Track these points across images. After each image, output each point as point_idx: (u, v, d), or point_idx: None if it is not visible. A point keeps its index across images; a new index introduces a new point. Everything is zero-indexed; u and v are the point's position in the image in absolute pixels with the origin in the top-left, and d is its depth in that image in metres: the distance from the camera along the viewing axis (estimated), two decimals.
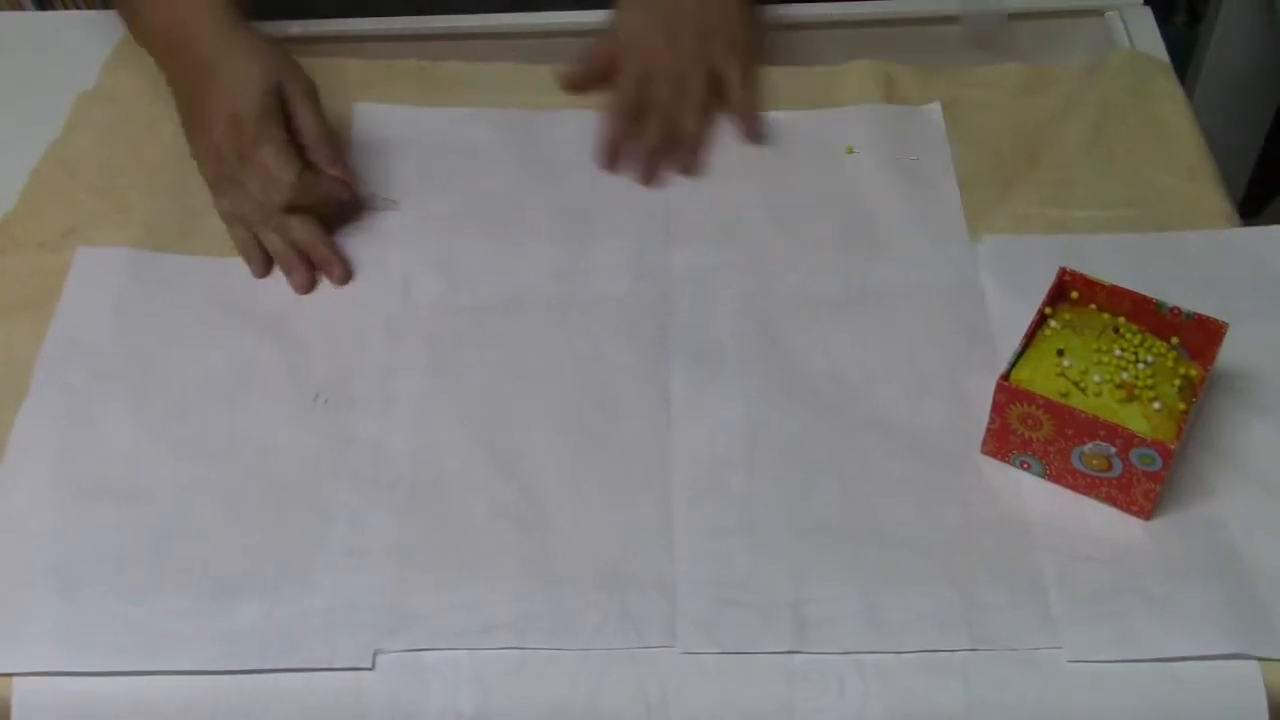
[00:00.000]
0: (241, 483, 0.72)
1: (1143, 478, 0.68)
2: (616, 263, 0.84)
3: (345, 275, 0.83)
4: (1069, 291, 0.75)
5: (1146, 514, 0.69)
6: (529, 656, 0.65)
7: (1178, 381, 0.70)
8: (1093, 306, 0.74)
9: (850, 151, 0.90)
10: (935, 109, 0.92)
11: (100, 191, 0.88)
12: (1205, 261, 0.82)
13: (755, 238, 0.85)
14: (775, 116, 0.93)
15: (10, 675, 0.64)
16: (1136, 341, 0.72)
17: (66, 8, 1.44)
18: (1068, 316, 0.73)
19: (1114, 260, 0.82)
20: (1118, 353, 0.71)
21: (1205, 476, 0.71)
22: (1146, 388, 0.69)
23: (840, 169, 0.89)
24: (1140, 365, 0.70)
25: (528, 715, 0.63)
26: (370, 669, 0.65)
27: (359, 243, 0.85)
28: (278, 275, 0.83)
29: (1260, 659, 0.64)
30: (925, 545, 0.69)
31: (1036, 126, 0.92)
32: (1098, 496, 0.70)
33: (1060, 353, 0.71)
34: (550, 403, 0.76)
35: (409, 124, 0.92)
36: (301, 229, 0.83)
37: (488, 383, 0.77)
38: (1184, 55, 1.27)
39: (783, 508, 0.71)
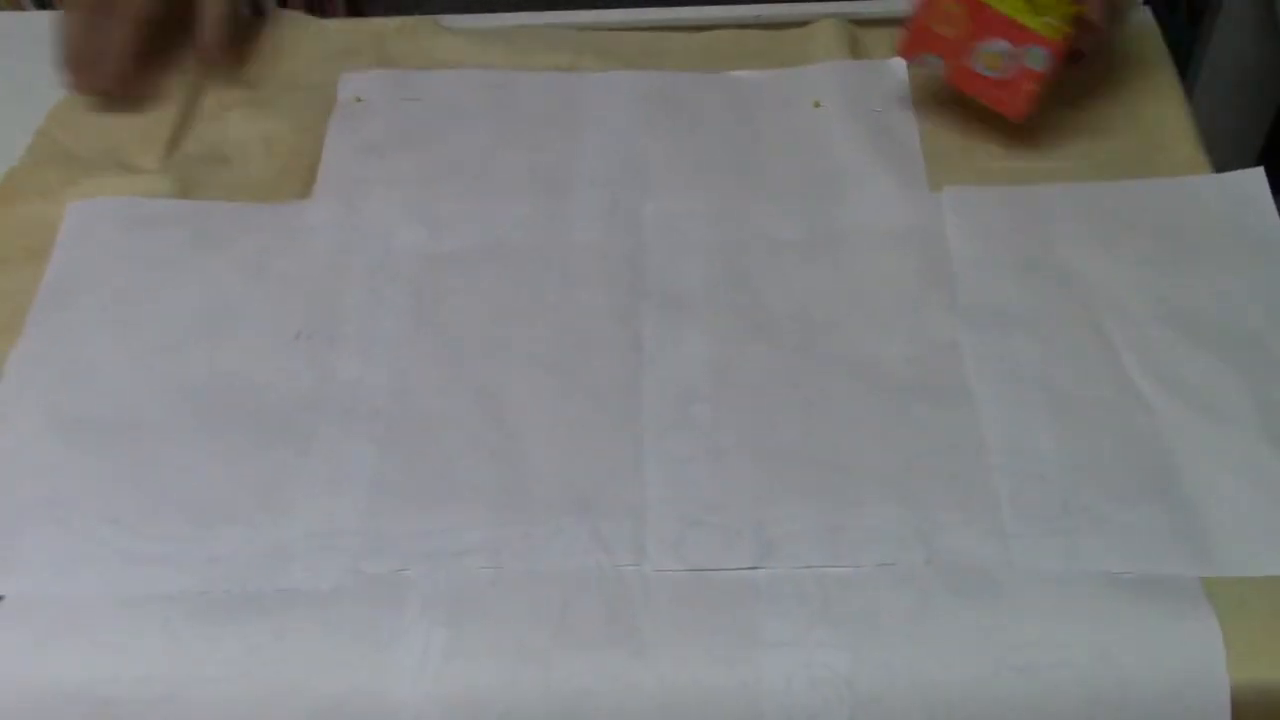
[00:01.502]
0: (224, 416, 0.75)
1: (1028, 77, 0.80)
2: (591, 213, 0.87)
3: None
4: None
5: (1021, 113, 0.79)
6: (502, 576, 0.68)
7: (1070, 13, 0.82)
8: None
9: (817, 106, 0.93)
10: (900, 63, 0.95)
11: (100, 148, 0.91)
12: (1169, 208, 0.85)
13: (725, 188, 0.88)
14: (745, 76, 0.96)
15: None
16: None
17: None
18: None
19: (1076, 207, 0.85)
20: None
21: (1154, 406, 0.74)
22: (1047, 6, 0.81)
23: (806, 122, 0.92)
24: None
25: (501, 631, 0.66)
26: (351, 588, 0.67)
27: (337, 193, 0.88)
28: (260, 219, 0.86)
29: (1202, 578, 0.66)
30: (884, 469, 0.72)
31: None
32: (985, 99, 0.83)
33: None
34: (526, 344, 0.79)
35: (392, 87, 0.95)
36: None
37: (467, 325, 0.80)
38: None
39: (748, 437, 0.73)
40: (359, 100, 0.94)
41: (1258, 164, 0.85)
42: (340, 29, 1.00)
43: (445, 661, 0.64)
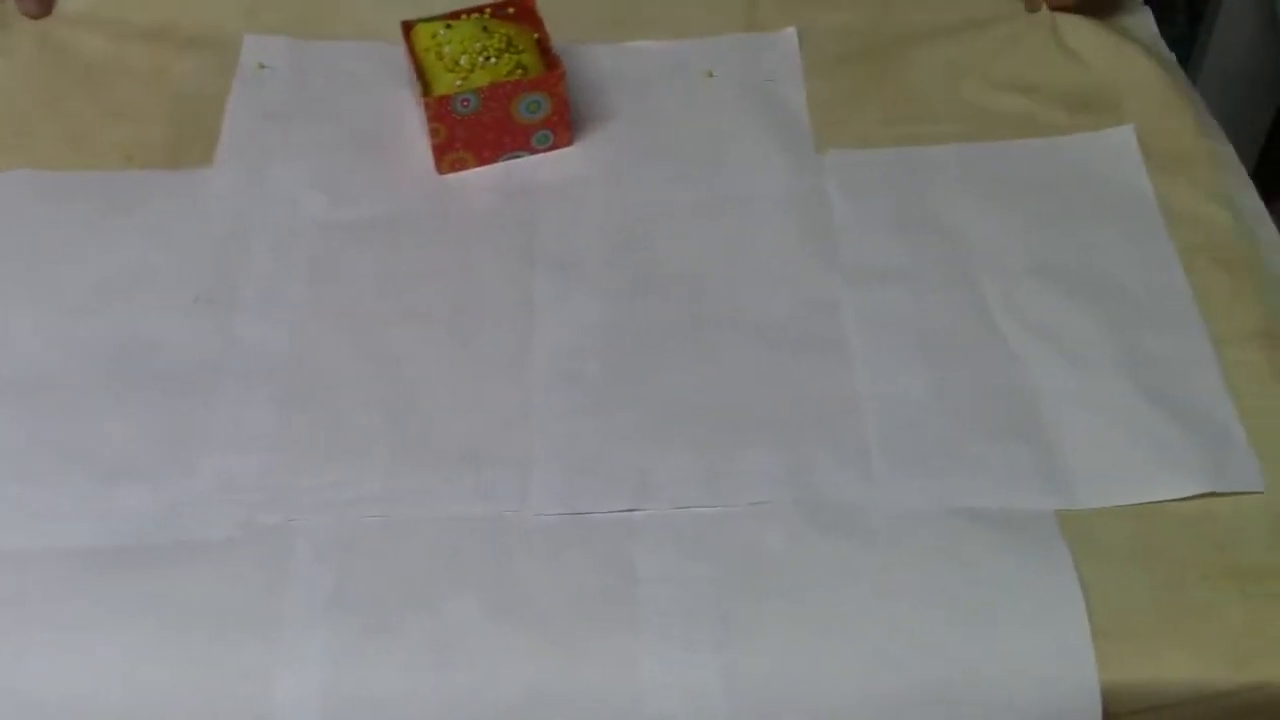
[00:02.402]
0: (129, 377, 0.77)
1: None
2: (487, 183, 0.89)
3: None
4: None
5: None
6: (392, 524, 0.70)
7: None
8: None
9: (710, 75, 0.96)
10: (791, 35, 0.98)
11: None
12: (1044, 166, 0.89)
13: (619, 155, 0.91)
14: (642, 46, 0.98)
15: None
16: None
17: None
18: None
19: (955, 167, 0.88)
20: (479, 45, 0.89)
21: (1019, 353, 0.77)
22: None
23: (700, 92, 0.95)
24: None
25: (388, 574, 0.68)
26: (244, 539, 0.70)
27: (240, 159, 0.90)
28: (164, 186, 0.88)
29: (1057, 511, 0.70)
30: (761, 417, 0.75)
31: (890, 50, 0.98)
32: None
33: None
34: (422, 306, 0.82)
35: (294, 55, 0.98)
36: None
37: (365, 288, 0.83)
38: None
39: (633, 390, 0.76)
40: (262, 67, 0.96)
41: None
42: None
43: (332, 603, 0.67)
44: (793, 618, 0.66)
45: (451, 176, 0.90)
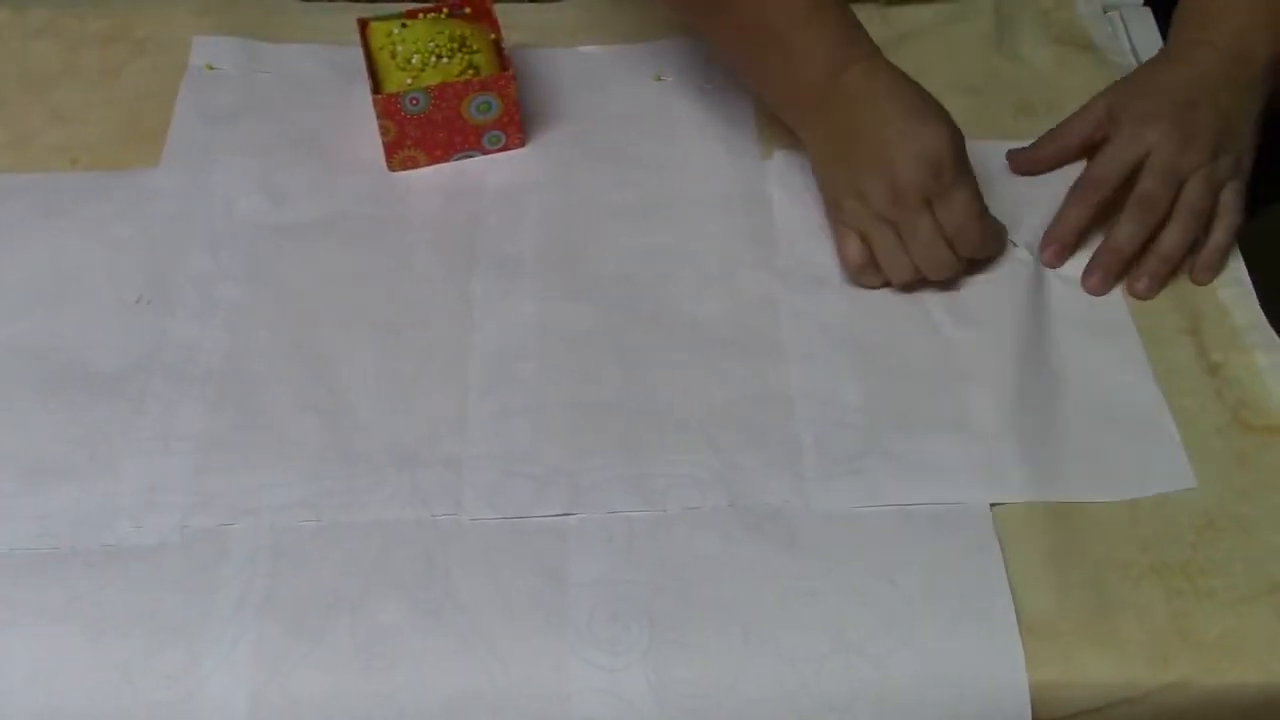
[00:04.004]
0: (61, 378, 0.77)
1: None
2: (437, 183, 0.89)
3: None
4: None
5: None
6: (323, 529, 0.70)
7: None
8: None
9: (658, 79, 0.96)
10: None
11: None
12: (983, 168, 0.88)
13: (568, 156, 0.91)
14: (590, 51, 0.99)
15: None
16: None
17: None
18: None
19: None
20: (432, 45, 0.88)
21: (956, 348, 0.78)
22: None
23: (647, 95, 0.95)
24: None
25: (320, 581, 0.68)
26: (176, 544, 0.70)
27: (184, 160, 0.90)
28: (106, 191, 0.88)
29: (988, 508, 0.71)
30: (694, 420, 0.75)
31: None
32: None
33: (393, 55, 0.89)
34: (360, 308, 0.81)
35: (243, 56, 0.98)
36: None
37: (303, 292, 0.82)
38: None
39: (567, 392, 0.77)
40: (211, 68, 0.96)
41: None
42: None
43: (262, 607, 0.67)
44: (721, 621, 0.66)
45: (400, 177, 0.90)
